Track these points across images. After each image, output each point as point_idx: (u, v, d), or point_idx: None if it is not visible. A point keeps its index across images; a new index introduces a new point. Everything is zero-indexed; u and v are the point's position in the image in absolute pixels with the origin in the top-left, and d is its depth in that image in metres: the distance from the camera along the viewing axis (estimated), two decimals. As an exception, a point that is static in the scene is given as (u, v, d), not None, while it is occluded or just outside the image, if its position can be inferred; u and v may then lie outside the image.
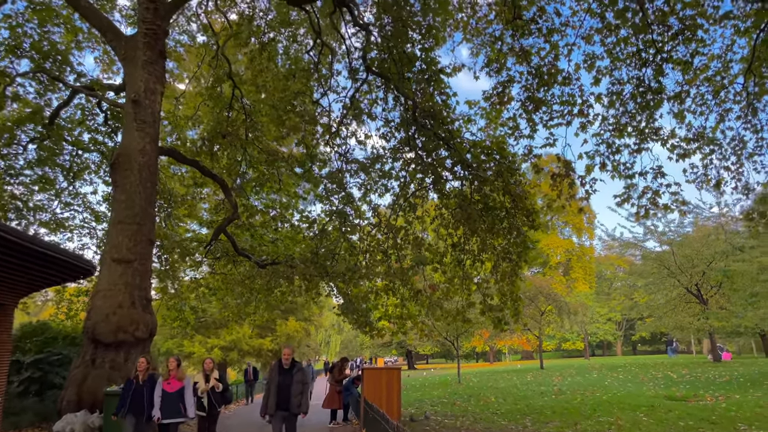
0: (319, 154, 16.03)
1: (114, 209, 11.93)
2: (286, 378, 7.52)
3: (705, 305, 24.31)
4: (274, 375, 7.62)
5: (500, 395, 15.82)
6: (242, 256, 16.78)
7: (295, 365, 7.68)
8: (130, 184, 11.57)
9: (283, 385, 7.48)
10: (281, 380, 7.53)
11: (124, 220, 11.36)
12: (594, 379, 18.91)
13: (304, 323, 35.17)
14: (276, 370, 7.70)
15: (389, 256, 14.04)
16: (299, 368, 7.69)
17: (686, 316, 25.20)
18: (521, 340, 55.18)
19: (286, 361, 7.63)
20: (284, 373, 7.56)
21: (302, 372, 7.67)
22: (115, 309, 10.93)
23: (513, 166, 12.53)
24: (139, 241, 11.33)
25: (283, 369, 7.61)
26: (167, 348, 31.02)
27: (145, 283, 11.24)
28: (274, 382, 7.54)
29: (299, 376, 7.54)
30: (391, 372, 11.06)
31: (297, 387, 7.46)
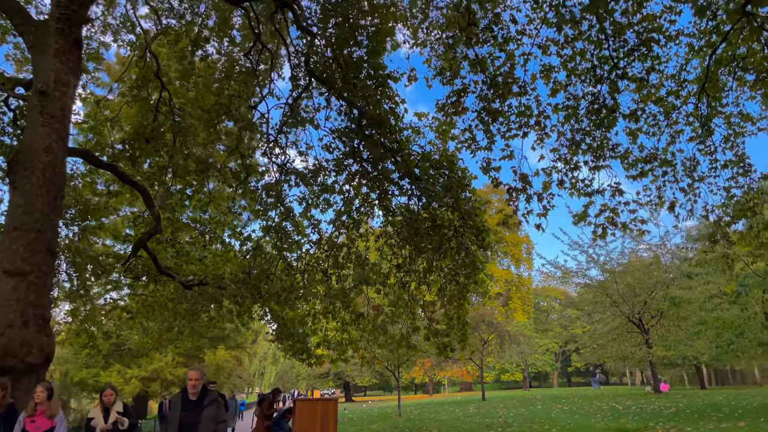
0: (256, 164, 14.96)
1: (9, 214, 10.40)
2: (192, 413, 5.68)
3: (646, 335, 24.52)
4: (176, 410, 5.78)
5: (444, 428, 14.93)
6: (165, 276, 15.31)
7: (207, 396, 5.88)
8: (31, 186, 10.12)
9: (188, 424, 5.63)
10: (185, 417, 5.67)
11: (21, 226, 9.88)
12: (539, 411, 18.37)
13: (236, 351, 33.24)
14: (179, 403, 5.84)
15: (329, 276, 13.06)
16: (212, 400, 5.85)
17: (629, 345, 25.35)
18: (461, 371, 54.76)
19: (193, 390, 5.82)
20: (190, 407, 5.73)
21: (216, 405, 5.85)
22: (3, 329, 9.37)
23: (464, 181, 11.92)
24: (37, 251, 9.86)
25: (189, 401, 5.81)
26: (81, 378, 28.42)
27: (42, 300, 9.73)
28: (174, 421, 5.70)
29: (212, 410, 5.72)
30: (327, 404, 10.00)
31: (208, 426, 5.63)
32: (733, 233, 11.59)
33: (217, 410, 5.86)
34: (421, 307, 12.40)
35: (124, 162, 13.85)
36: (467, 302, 12.23)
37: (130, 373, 28.06)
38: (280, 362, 69.30)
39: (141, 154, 14.06)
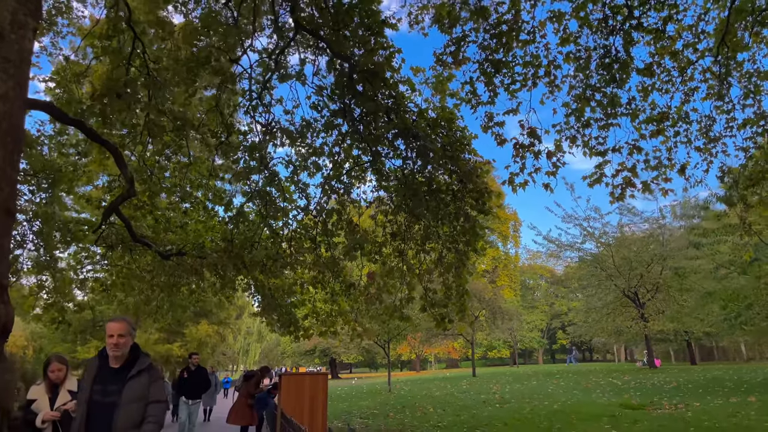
0: (238, 123, 13.89)
1: (-40, 169, 9.36)
2: (109, 389, 3.60)
3: (641, 309, 24.11)
4: (87, 383, 3.71)
5: (438, 405, 14.28)
6: (141, 244, 14.28)
7: (138, 361, 3.74)
8: (-16, 137, 9.11)
9: (100, 407, 3.56)
10: (98, 394, 3.62)
11: (-28, 182, 8.86)
12: (535, 387, 17.83)
13: (219, 327, 32.37)
14: (93, 371, 3.76)
15: (318, 245, 12.18)
16: (143, 369, 3.71)
17: (624, 320, 24.96)
18: (448, 348, 54.55)
19: (114, 352, 3.66)
20: (108, 379, 3.65)
21: (149, 377, 3.70)
22: (-49, 296, 8.38)
23: (463, 141, 11.01)
24: None
25: (108, 371, 3.69)
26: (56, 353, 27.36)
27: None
28: (82, 402, 3.65)
29: (139, 386, 3.62)
30: (316, 379, 9.20)
31: (131, 412, 3.53)
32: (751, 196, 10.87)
33: (150, 385, 3.62)
34: (418, 276, 11.58)
35: (94, 119, 12.73)
36: (467, 271, 11.45)
37: (109, 349, 27.08)
38: (265, 339, 68.64)
39: (112, 111, 12.93)
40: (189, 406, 9.65)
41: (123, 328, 3.75)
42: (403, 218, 11.68)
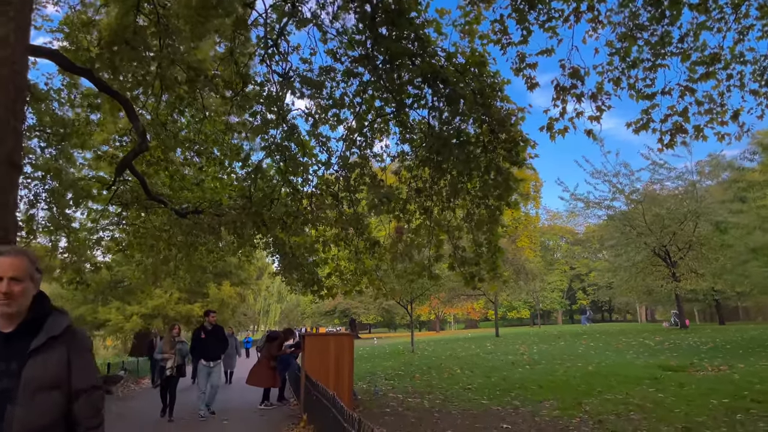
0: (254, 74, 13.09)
1: (-41, 119, 8.81)
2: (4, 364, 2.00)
3: (673, 268, 23.31)
4: None
5: (464, 366, 13.86)
6: (156, 202, 13.79)
7: (48, 323, 2.11)
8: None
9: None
10: None
11: (-27, 133, 8.33)
12: (563, 348, 17.34)
13: (240, 288, 32.30)
14: None
15: (341, 201, 11.54)
16: (62, 336, 2.11)
17: (654, 279, 24.20)
18: (467, 309, 54.39)
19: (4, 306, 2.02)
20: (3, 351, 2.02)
21: (68, 349, 2.12)
22: (-44, 253, 7.90)
23: (495, 87, 10.15)
24: None
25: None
26: (79, 314, 27.54)
27: (4, 220, 8.30)
28: None
29: (53, 363, 2.06)
30: (341, 339, 8.73)
31: (40, 407, 2.02)
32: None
33: (72, 363, 2.12)
34: (447, 233, 10.93)
35: (103, 69, 12.06)
36: (499, 226, 10.77)
37: (130, 309, 27.17)
38: (285, 300, 69.18)
39: (122, 61, 12.26)
40: (210, 369, 8.96)
41: (18, 267, 2.07)
42: (428, 173, 11.04)
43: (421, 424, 7.14)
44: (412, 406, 8.67)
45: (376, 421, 7.37)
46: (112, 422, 8.35)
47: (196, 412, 8.90)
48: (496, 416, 7.45)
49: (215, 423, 7.87)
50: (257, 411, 9.22)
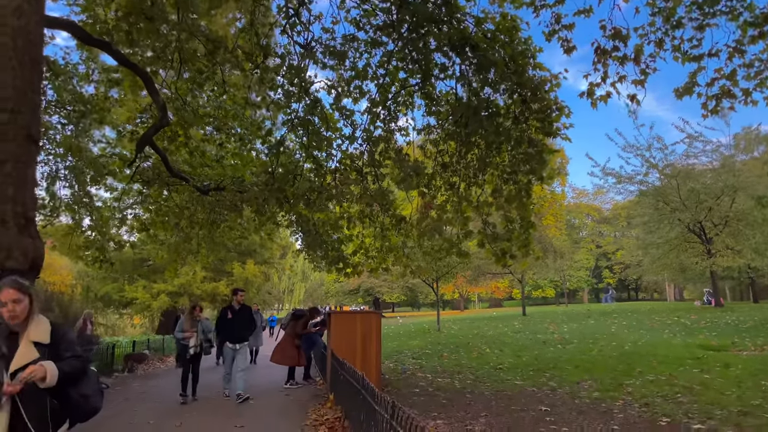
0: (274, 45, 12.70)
1: (-23, 91, 8.61)
2: None
3: (708, 244, 22.51)
4: None
5: (493, 345, 13.52)
6: (178, 179, 13.59)
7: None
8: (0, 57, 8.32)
9: None
10: None
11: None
12: (594, 327, 16.87)
13: (264, 267, 32.36)
14: None
15: (365, 176, 11.18)
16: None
17: (689, 256, 23.44)
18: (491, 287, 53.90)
19: None
20: None
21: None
22: (-24, 229, 7.80)
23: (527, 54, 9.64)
24: (12, 137, 8.13)
25: None
26: (105, 292, 27.85)
27: (22, 196, 8.12)
28: None
29: None
30: (369, 318, 8.42)
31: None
32: None
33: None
34: (475, 208, 10.51)
35: (120, 43, 11.79)
36: (531, 201, 10.31)
37: (156, 288, 27.38)
38: (309, 279, 69.55)
39: (139, 33, 11.98)
40: (235, 351, 8.38)
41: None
42: (454, 148, 10.62)
43: (453, 405, 6.85)
44: (441, 386, 8.38)
45: (406, 401, 7.08)
46: (135, 401, 8.22)
47: (220, 392, 8.73)
48: (532, 397, 7.11)
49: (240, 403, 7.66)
50: (283, 390, 9.03)
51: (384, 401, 3.71)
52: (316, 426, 5.83)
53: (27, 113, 8.72)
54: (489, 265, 24.01)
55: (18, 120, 8.51)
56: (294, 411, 6.92)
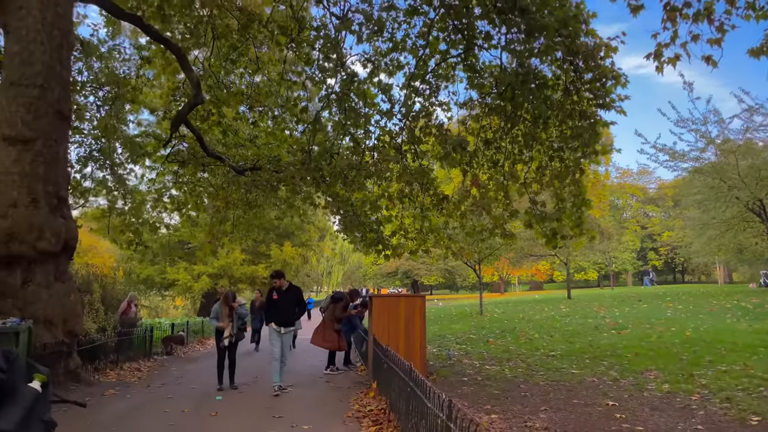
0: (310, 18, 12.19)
1: (5, 67, 8.42)
2: None
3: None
4: None
5: (542, 330, 12.89)
6: (213, 158, 13.34)
7: None
8: (28, 30, 8.12)
9: None
10: None
11: (20, 81, 7.96)
12: (648, 311, 16.01)
13: (302, 249, 32.23)
14: None
15: (404, 154, 10.60)
16: None
17: (747, 236, 22.13)
18: (532, 270, 52.81)
19: None
20: None
21: None
22: (5, 209, 7.69)
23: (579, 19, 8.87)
24: (43, 114, 7.98)
25: None
26: (147, 275, 28.20)
27: (53, 174, 7.94)
28: None
29: None
30: (412, 301, 7.93)
31: None
32: None
33: None
34: (523, 185, 9.85)
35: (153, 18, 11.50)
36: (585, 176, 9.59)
37: (197, 269, 27.54)
38: (347, 262, 69.67)
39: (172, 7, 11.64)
40: (281, 335, 7.51)
41: None
42: (498, 123, 9.98)
43: (507, 396, 6.32)
44: (491, 374, 7.85)
45: (454, 391, 6.60)
46: (171, 386, 7.98)
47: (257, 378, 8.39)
48: (594, 389, 6.52)
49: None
50: (323, 376, 8.67)
51: (438, 399, 3.23)
52: (359, 418, 5.41)
53: (57, 89, 8.47)
54: (533, 247, 23.22)
55: (47, 96, 8.28)
56: (335, 400, 6.52)
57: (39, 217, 7.78)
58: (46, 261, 7.76)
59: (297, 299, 7.89)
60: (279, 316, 7.51)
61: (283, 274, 8.15)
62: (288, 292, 7.81)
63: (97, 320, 10.55)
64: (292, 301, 7.78)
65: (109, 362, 9.47)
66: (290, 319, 7.69)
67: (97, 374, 8.67)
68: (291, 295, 7.82)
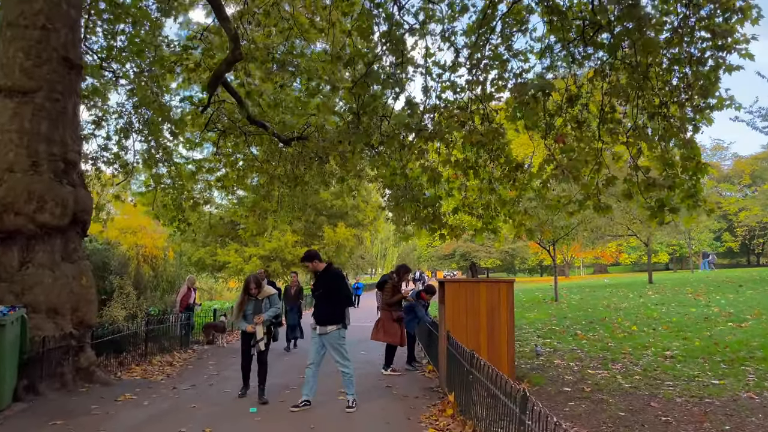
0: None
1: (3, 4, 7.23)
2: None
3: None
4: None
5: (640, 321, 10.96)
6: (255, 125, 12.04)
7: None
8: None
9: None
10: None
11: (18, 20, 6.70)
12: (758, 297, 13.70)
13: (356, 230, 30.99)
14: None
15: (472, 114, 8.81)
16: None
17: None
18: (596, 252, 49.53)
19: None
20: None
21: None
22: (1, 173, 6.52)
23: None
24: (45, 60, 6.74)
25: None
26: (198, 257, 27.61)
27: (59, 133, 6.70)
28: None
29: None
30: (496, 288, 6.27)
31: None
32: None
33: None
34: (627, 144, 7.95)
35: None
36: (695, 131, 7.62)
37: (248, 251, 26.73)
38: (401, 243, 68.15)
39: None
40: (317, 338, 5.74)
41: None
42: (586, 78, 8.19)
43: (641, 423, 4.59)
44: (600, 383, 6.13)
45: (560, 409, 4.98)
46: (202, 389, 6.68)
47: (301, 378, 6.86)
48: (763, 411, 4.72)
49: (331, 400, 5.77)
50: (382, 378, 7.16)
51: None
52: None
53: (63, 31, 7.12)
54: (611, 226, 20.98)
55: (51, 39, 6.94)
56: (401, 417, 5.01)
57: (40, 184, 6.55)
58: (50, 237, 6.54)
59: (336, 286, 5.87)
60: (314, 309, 5.83)
61: (315, 254, 6.05)
62: (326, 277, 5.92)
63: (128, 306, 9.41)
64: (330, 288, 5.84)
65: (139, 355, 8.33)
66: (328, 315, 5.70)
67: (121, 369, 7.50)
68: (329, 280, 5.90)
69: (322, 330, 5.65)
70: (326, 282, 5.86)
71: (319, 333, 5.68)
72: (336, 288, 5.84)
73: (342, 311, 5.78)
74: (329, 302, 5.74)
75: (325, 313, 5.68)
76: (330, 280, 5.87)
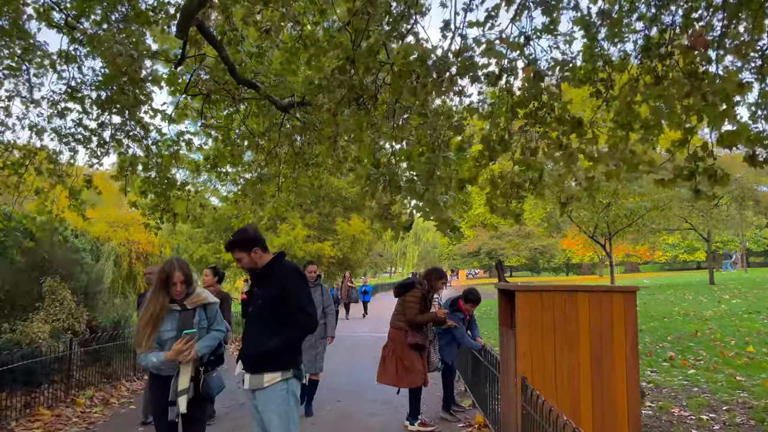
0: None
1: None
2: None
3: None
4: None
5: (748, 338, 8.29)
6: (244, 86, 9.68)
7: None
8: None
9: None
10: None
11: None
12: None
13: (374, 224, 28.62)
14: None
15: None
16: None
17: None
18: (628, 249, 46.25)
19: None
20: None
21: None
22: None
23: None
24: None
25: None
26: (201, 254, 25.49)
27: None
28: None
29: None
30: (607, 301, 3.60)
31: None
32: None
33: None
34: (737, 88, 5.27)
35: None
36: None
37: (256, 248, 24.51)
38: (421, 241, 65.46)
39: None
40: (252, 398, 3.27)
41: None
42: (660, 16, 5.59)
43: None
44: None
45: None
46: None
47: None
48: None
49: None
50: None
51: None
52: None
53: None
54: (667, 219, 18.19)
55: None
56: None
57: None
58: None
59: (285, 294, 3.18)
60: (244, 343, 3.30)
61: (251, 238, 3.29)
62: (269, 277, 3.29)
63: (60, 317, 7.03)
64: (274, 300, 3.19)
65: (62, 389, 5.98)
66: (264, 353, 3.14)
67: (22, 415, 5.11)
68: (273, 285, 3.23)
69: (254, 382, 3.12)
70: (269, 287, 3.23)
71: (248, 387, 3.17)
72: (284, 297, 3.16)
73: (292, 343, 3.22)
74: (269, 326, 3.15)
75: (258, 348, 3.15)
76: (277, 284, 3.21)
